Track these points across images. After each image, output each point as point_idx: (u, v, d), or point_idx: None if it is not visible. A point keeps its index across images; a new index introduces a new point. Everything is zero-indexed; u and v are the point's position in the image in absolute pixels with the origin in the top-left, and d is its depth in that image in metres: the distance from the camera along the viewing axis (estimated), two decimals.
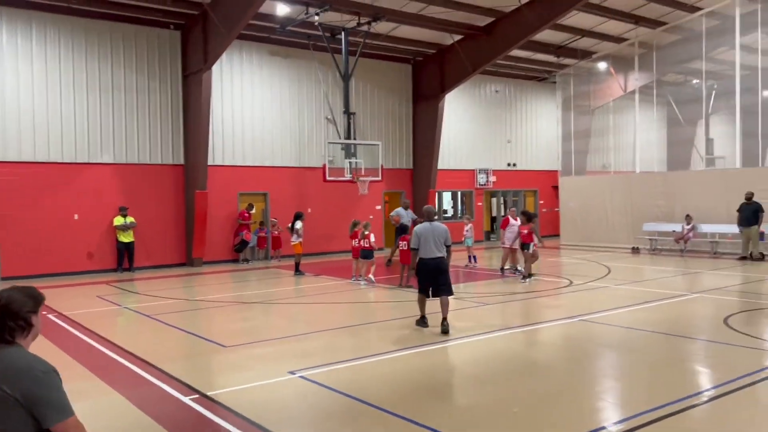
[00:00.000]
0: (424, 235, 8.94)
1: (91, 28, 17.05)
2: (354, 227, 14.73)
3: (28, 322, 2.95)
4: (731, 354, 7.54)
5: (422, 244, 8.94)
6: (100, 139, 17.24)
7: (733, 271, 15.39)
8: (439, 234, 8.97)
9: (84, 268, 16.78)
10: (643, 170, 22.53)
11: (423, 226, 9.13)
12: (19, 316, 2.91)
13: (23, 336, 2.93)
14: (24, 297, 2.98)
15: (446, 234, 9.06)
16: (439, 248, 8.94)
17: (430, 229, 9.00)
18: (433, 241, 8.91)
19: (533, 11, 18.60)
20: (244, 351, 8.03)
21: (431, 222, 9.17)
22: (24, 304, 2.94)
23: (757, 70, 19.07)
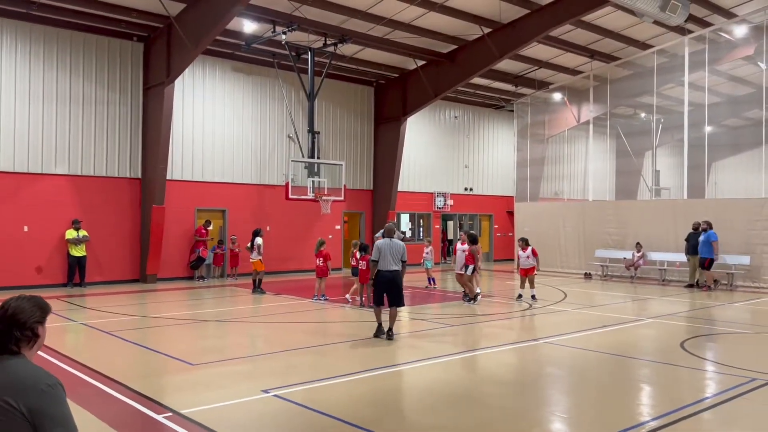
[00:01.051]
0: (383, 250, 9.89)
1: (50, 36, 16.63)
2: (320, 246, 14.69)
3: (35, 333, 2.88)
4: (689, 377, 7.84)
5: (381, 257, 9.88)
6: (54, 150, 16.73)
7: (682, 297, 16.00)
8: (397, 250, 9.95)
9: (32, 283, 16.14)
10: (595, 198, 23.28)
11: (383, 241, 10.07)
12: (26, 327, 2.84)
13: (29, 347, 2.86)
14: (32, 307, 2.91)
15: (403, 250, 10.03)
16: (395, 262, 9.91)
17: (389, 244, 9.95)
18: (391, 255, 9.87)
19: (495, 41, 19.15)
20: (213, 369, 7.88)
21: (391, 238, 10.08)
22: (32, 315, 2.87)
23: (702, 107, 20.08)
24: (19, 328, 2.81)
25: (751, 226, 18.02)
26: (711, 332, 11.22)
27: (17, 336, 2.80)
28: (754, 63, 21.21)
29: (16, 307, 2.86)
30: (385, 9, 17.52)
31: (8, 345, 2.80)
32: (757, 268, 17.80)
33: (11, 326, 2.81)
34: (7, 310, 2.85)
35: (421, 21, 18.52)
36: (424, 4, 17.31)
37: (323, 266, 14.52)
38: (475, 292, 14.34)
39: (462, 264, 14.47)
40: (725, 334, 10.95)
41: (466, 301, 14.25)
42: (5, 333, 2.82)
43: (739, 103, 25.47)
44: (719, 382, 7.63)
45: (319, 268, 14.60)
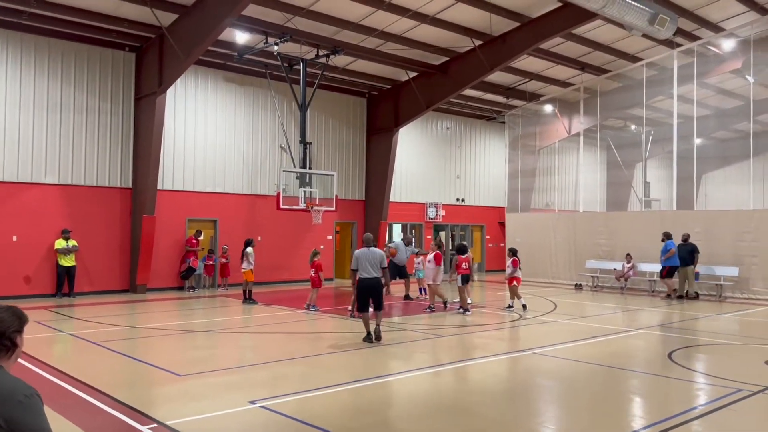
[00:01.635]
0: (362, 259, 10.62)
1: (41, 46, 16.63)
2: (314, 257, 14.70)
3: (14, 342, 2.87)
4: (677, 388, 7.87)
5: (361, 265, 10.60)
6: (45, 159, 16.68)
7: (671, 308, 16.06)
8: (375, 258, 10.65)
9: (20, 293, 16.02)
10: (586, 210, 23.39)
11: (362, 250, 10.76)
12: (5, 336, 2.82)
13: (7, 357, 2.85)
14: (9, 316, 2.90)
15: (381, 258, 10.75)
16: (375, 269, 10.61)
17: (368, 253, 10.67)
18: (370, 263, 10.57)
19: (486, 54, 19.29)
20: (200, 380, 7.84)
21: (369, 247, 10.80)
22: (10, 324, 2.86)
23: (691, 119, 20.27)
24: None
25: (740, 238, 18.15)
26: (699, 343, 11.26)
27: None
28: (742, 76, 21.46)
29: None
30: (377, 21, 17.63)
31: None
32: (745, 279, 17.91)
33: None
34: None
35: (413, 33, 18.64)
36: (415, 17, 17.43)
37: (315, 276, 14.53)
38: (467, 303, 14.39)
39: (433, 275, 14.63)
40: (713, 345, 11.00)
41: (461, 311, 14.32)
42: None
43: (727, 115, 25.75)
44: (706, 393, 7.66)
45: (312, 279, 14.61)
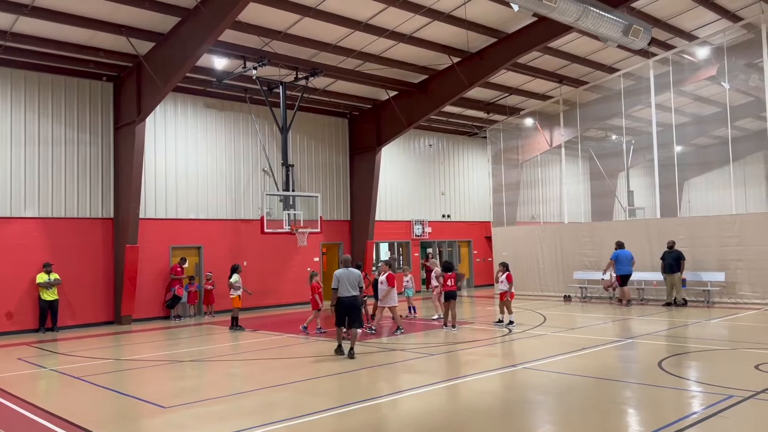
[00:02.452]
0: (341, 278, 11.26)
1: (17, 78, 16.51)
2: (311, 279, 14.66)
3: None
4: (669, 396, 7.81)
5: (340, 285, 11.23)
6: (24, 193, 16.48)
7: (660, 316, 16.06)
8: (353, 278, 11.34)
9: (2, 329, 15.72)
10: (571, 221, 23.45)
11: (341, 271, 11.41)
12: None
13: None
14: None
15: (359, 278, 11.45)
16: (353, 288, 11.28)
17: (347, 273, 11.33)
18: (348, 283, 11.25)
19: (464, 70, 19.42)
20: (185, 411, 7.67)
21: (347, 268, 11.45)
22: None
23: (670, 127, 20.48)
24: None
25: (724, 243, 18.26)
26: (688, 350, 11.23)
27: None
28: (717, 83, 21.76)
29: None
30: (355, 42, 17.72)
31: None
32: (732, 284, 17.98)
33: None
34: None
35: (391, 52, 18.74)
36: (393, 36, 17.54)
37: (312, 299, 14.51)
38: (452, 320, 14.37)
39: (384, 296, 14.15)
40: (702, 352, 10.97)
41: (450, 328, 14.26)
42: None
43: (705, 122, 26.07)
44: (698, 400, 7.60)
45: (311, 301, 14.68)
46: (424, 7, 16.19)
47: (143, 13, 14.85)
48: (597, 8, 14.18)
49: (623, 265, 18.71)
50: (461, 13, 16.56)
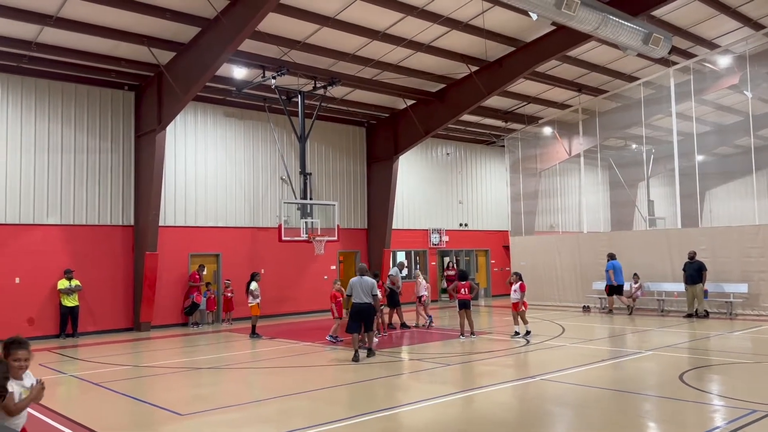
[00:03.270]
0: (355, 286, 12.01)
1: (41, 88, 16.81)
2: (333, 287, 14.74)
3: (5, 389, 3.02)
4: (690, 411, 7.68)
5: (354, 292, 11.99)
6: (47, 200, 16.73)
7: (681, 328, 15.82)
8: (366, 285, 12.03)
9: (24, 335, 15.80)
10: (590, 230, 23.24)
11: (355, 279, 12.13)
12: None
13: None
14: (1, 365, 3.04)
15: (372, 285, 12.07)
16: (366, 296, 11.92)
17: (360, 281, 12.04)
18: (361, 290, 11.94)
19: (482, 79, 19.39)
20: (202, 418, 7.70)
21: (362, 276, 12.14)
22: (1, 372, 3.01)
23: (692, 136, 20.24)
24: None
25: (747, 254, 17.97)
26: (711, 363, 11.04)
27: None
28: (739, 92, 21.51)
29: None
30: (373, 51, 17.78)
31: None
32: (755, 295, 17.67)
33: None
34: None
35: (409, 61, 18.78)
36: (410, 46, 17.59)
37: (330, 307, 14.59)
38: (464, 329, 14.41)
39: None
40: (725, 365, 10.77)
41: (468, 338, 14.20)
42: None
43: (728, 131, 25.77)
44: (721, 415, 7.46)
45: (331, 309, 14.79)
46: (442, 17, 16.21)
47: (164, 24, 15.06)
48: (616, 17, 14.09)
49: (616, 275, 19.54)
50: (479, 22, 16.56)
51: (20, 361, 4.46)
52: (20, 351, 4.46)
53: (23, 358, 4.47)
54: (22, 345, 4.50)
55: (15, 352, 4.44)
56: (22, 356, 4.46)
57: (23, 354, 4.47)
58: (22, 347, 4.49)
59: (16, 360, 4.43)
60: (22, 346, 4.50)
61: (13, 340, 4.51)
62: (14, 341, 4.51)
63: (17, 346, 4.47)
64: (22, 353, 4.46)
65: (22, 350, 4.47)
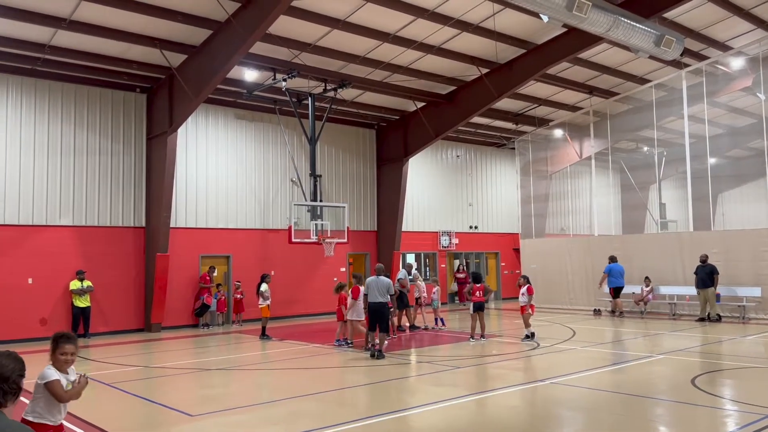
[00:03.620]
0: (371, 285, 12.49)
1: (54, 90, 16.96)
2: (338, 290, 14.55)
3: (19, 386, 3.09)
4: (702, 415, 7.61)
5: (370, 291, 12.45)
6: (59, 202, 16.87)
7: (693, 332, 15.70)
8: (383, 285, 12.46)
9: (36, 335, 16.04)
10: (601, 233, 23.12)
11: (372, 278, 12.61)
12: (10, 380, 3.00)
13: (13, 400, 3.06)
14: (13, 362, 3.07)
15: (389, 285, 12.57)
16: (382, 295, 12.37)
17: (376, 281, 12.50)
18: (378, 290, 12.37)
19: (493, 81, 19.36)
20: (212, 419, 7.72)
21: (378, 276, 12.59)
22: (14, 369, 3.11)
23: (704, 139, 20.10)
24: (4, 382, 2.97)
25: (760, 257, 17.81)
26: (723, 367, 10.95)
27: (4, 389, 2.96)
28: (753, 94, 21.31)
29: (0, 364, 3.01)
30: (383, 53, 17.81)
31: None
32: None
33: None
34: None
35: (419, 64, 18.79)
36: (421, 48, 17.59)
37: (338, 309, 14.47)
38: (476, 332, 14.33)
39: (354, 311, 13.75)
40: (737, 369, 10.68)
41: (479, 340, 14.18)
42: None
43: (740, 134, 25.52)
44: (733, 419, 7.39)
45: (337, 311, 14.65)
46: (453, 19, 16.21)
47: (176, 26, 15.15)
48: (628, 19, 14.04)
49: (616, 278, 19.61)
50: (490, 24, 16.54)
51: (67, 355, 4.61)
52: (67, 345, 4.62)
53: (70, 353, 4.62)
54: (69, 339, 4.67)
55: (62, 346, 4.60)
56: (69, 350, 4.62)
57: (70, 348, 4.63)
58: (69, 341, 4.65)
59: (63, 354, 4.58)
60: (70, 341, 4.66)
61: (62, 335, 4.67)
62: (62, 335, 4.67)
63: (65, 340, 4.63)
64: (69, 347, 4.62)
65: (69, 344, 4.63)
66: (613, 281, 19.58)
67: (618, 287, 19.52)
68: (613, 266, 19.73)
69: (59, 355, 4.60)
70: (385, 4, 15.03)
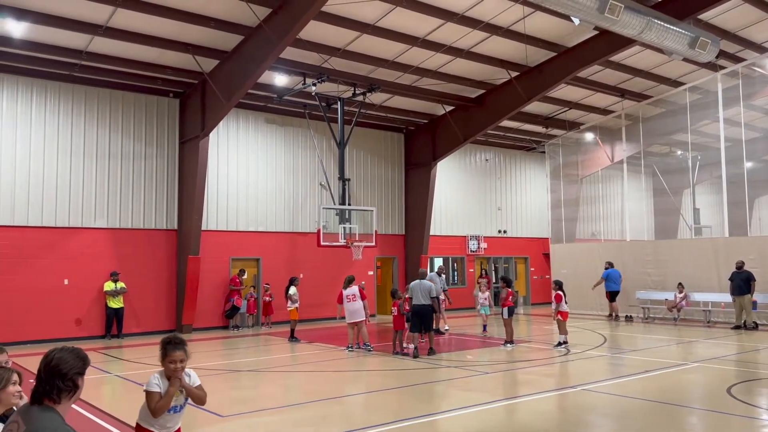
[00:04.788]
0: (414, 289, 13.10)
1: (91, 95, 17.35)
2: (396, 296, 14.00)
3: (75, 384, 2.95)
4: (738, 425, 7.44)
5: (413, 295, 13.04)
6: (94, 204, 17.24)
7: (728, 340, 15.35)
8: (425, 288, 13.01)
9: (72, 335, 16.41)
10: (633, 238, 22.75)
11: (415, 282, 13.27)
12: (67, 377, 2.91)
13: (68, 397, 2.94)
14: (73, 358, 2.99)
15: (430, 288, 13.06)
16: (425, 298, 12.92)
17: (419, 284, 13.13)
18: (421, 293, 12.94)
19: (522, 85, 19.23)
20: (243, 420, 7.81)
21: (421, 280, 13.31)
22: (73, 366, 2.96)
23: (740, 143, 19.66)
24: (61, 378, 2.89)
25: None
26: (760, 376, 10.67)
27: (59, 386, 2.87)
28: None
29: (59, 358, 2.95)
30: (412, 57, 17.82)
31: (50, 395, 2.86)
32: None
33: (54, 377, 2.87)
34: (51, 361, 2.94)
35: (448, 67, 18.76)
36: (450, 51, 17.56)
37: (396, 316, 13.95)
38: (512, 336, 14.19)
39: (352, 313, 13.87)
40: None
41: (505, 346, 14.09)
42: (47, 383, 2.89)
43: None
44: None
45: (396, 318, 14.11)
46: (483, 22, 16.16)
47: (208, 32, 15.39)
48: (661, 21, 13.81)
49: (613, 282, 20.59)
50: (520, 27, 16.44)
51: (176, 363, 4.19)
52: (177, 352, 4.20)
53: (179, 360, 4.20)
54: (177, 346, 4.23)
55: (171, 354, 4.20)
56: (178, 357, 4.19)
57: (179, 355, 4.20)
58: (177, 348, 4.22)
59: (171, 362, 4.19)
60: (177, 347, 4.22)
61: (169, 340, 4.28)
62: (170, 341, 4.26)
63: (172, 347, 4.22)
64: (178, 354, 4.20)
65: (177, 351, 4.20)
66: (611, 285, 20.63)
67: (615, 291, 20.58)
68: (611, 271, 20.82)
69: (168, 363, 4.20)
70: (414, 8, 15.05)
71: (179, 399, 4.28)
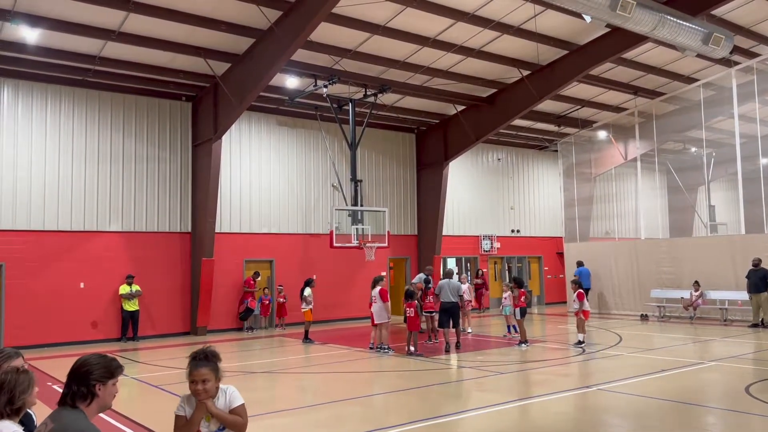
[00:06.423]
0: (444, 287, 13.90)
1: (104, 100, 17.50)
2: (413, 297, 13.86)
3: (90, 390, 2.91)
4: (758, 425, 7.35)
5: (443, 293, 13.86)
6: (109, 208, 17.38)
7: (746, 338, 15.19)
8: (454, 287, 13.95)
9: (88, 338, 16.56)
10: (648, 237, 22.59)
11: (444, 281, 14.10)
12: (83, 383, 2.91)
13: (85, 404, 2.91)
14: (96, 365, 2.97)
15: (459, 287, 14.09)
16: (453, 296, 13.81)
17: (448, 283, 13.97)
18: (450, 291, 13.82)
19: (534, 83, 19.15)
20: (257, 422, 7.81)
21: (450, 279, 14.13)
22: (92, 372, 2.93)
23: (755, 139, 19.44)
24: (77, 382, 2.89)
25: None
26: None
27: (74, 390, 2.88)
28: None
29: (83, 361, 2.97)
30: (423, 58, 17.81)
31: (65, 398, 2.87)
32: None
33: (72, 380, 2.89)
34: (75, 364, 2.95)
35: (459, 67, 18.72)
36: (461, 51, 17.52)
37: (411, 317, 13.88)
38: (525, 336, 14.18)
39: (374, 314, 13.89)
40: None
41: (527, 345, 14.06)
42: (66, 386, 2.91)
43: None
44: None
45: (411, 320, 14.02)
46: (493, 21, 16.11)
47: (220, 36, 15.46)
48: (674, 17, 13.69)
49: (585, 280, 21.29)
50: (531, 26, 16.37)
51: (197, 384, 3.56)
52: (198, 370, 3.56)
53: (200, 380, 3.55)
54: (199, 362, 3.58)
55: (192, 372, 3.57)
56: (199, 377, 3.55)
57: (200, 374, 3.55)
58: (199, 365, 3.57)
59: (192, 381, 3.56)
60: (200, 364, 3.57)
61: (194, 356, 3.63)
62: (193, 356, 3.63)
63: (194, 364, 3.58)
64: (200, 373, 3.56)
65: (200, 368, 3.56)
66: (587, 283, 21.48)
67: (586, 289, 20.74)
68: (582, 269, 21.95)
69: (190, 382, 3.57)
70: (425, 8, 15.03)
71: (211, 426, 3.63)
